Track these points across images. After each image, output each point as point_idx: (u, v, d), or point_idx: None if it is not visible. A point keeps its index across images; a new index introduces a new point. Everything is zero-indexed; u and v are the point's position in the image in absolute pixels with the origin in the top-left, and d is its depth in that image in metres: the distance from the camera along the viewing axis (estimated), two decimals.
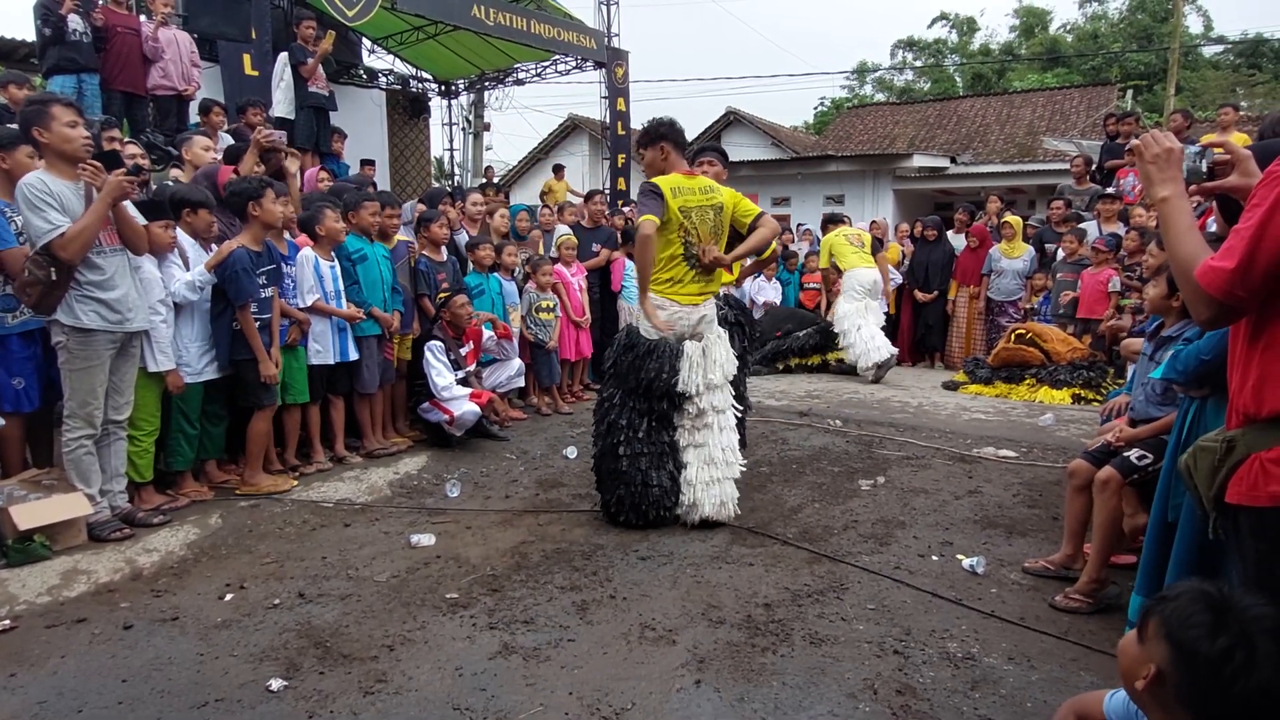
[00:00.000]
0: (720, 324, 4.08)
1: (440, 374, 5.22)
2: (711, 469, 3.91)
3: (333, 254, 4.89)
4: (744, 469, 4.12)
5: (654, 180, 3.77)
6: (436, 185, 13.69)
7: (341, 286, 4.89)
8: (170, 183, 4.92)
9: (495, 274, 6.18)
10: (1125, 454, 3.06)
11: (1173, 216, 1.58)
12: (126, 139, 5.74)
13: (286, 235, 4.75)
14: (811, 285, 9.40)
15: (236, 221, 4.75)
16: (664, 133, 3.90)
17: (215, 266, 4.07)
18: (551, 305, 6.48)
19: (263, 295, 4.26)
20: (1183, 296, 1.61)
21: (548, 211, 7.66)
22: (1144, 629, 1.45)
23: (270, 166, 5.07)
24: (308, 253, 4.72)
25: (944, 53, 33.67)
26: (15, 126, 3.73)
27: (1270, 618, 1.33)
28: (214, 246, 4.37)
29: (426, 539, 3.80)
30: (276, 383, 4.33)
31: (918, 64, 34.11)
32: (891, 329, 9.19)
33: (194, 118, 7.03)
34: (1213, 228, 2.46)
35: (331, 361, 4.77)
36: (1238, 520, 1.56)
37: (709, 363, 3.86)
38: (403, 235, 5.61)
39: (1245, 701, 1.30)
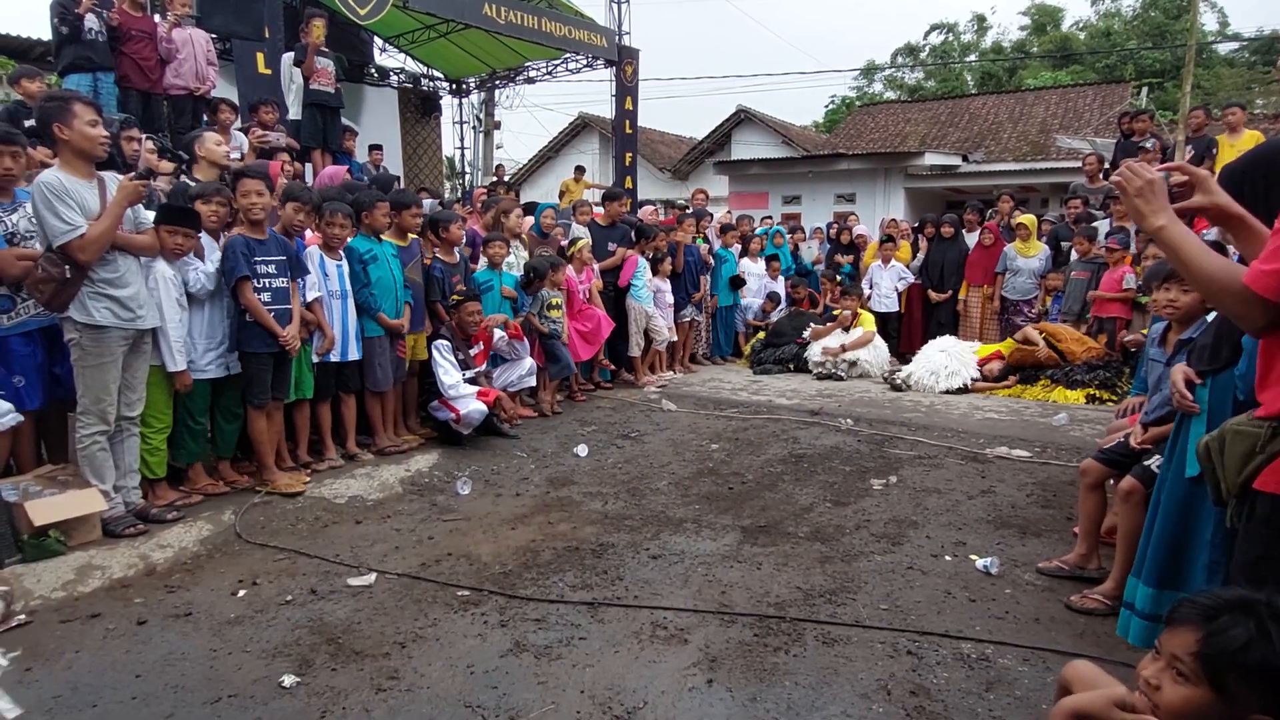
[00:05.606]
0: None
1: (447, 372, 5.22)
2: None
3: (341, 254, 4.89)
4: None
5: None
6: (447, 186, 13.71)
7: (349, 287, 4.87)
8: (189, 182, 4.93)
9: (509, 271, 6.17)
10: (1146, 463, 2.99)
11: (1179, 240, 1.57)
12: (145, 136, 5.77)
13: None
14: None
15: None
16: None
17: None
18: (561, 302, 6.48)
19: (275, 285, 4.28)
20: (1223, 310, 1.58)
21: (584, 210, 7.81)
22: (1221, 682, 1.30)
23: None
24: (313, 250, 4.72)
25: (951, 53, 33.42)
26: (31, 123, 3.76)
27: None
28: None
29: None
30: (296, 353, 4.40)
31: (929, 64, 33.87)
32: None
33: None
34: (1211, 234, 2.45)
35: (334, 359, 4.78)
36: (1255, 505, 1.57)
37: None
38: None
39: None
